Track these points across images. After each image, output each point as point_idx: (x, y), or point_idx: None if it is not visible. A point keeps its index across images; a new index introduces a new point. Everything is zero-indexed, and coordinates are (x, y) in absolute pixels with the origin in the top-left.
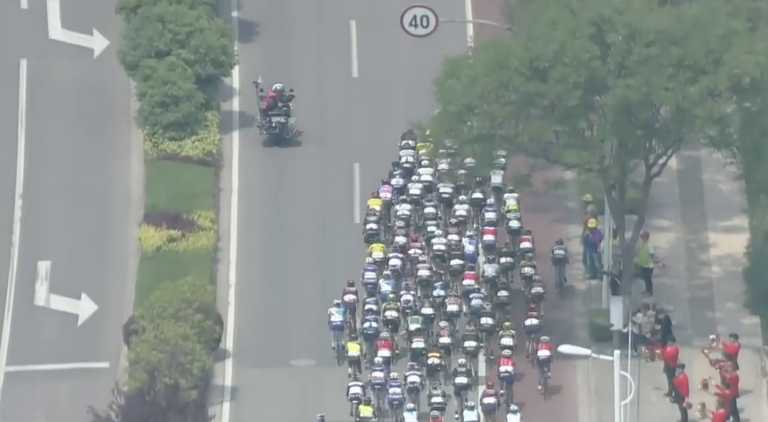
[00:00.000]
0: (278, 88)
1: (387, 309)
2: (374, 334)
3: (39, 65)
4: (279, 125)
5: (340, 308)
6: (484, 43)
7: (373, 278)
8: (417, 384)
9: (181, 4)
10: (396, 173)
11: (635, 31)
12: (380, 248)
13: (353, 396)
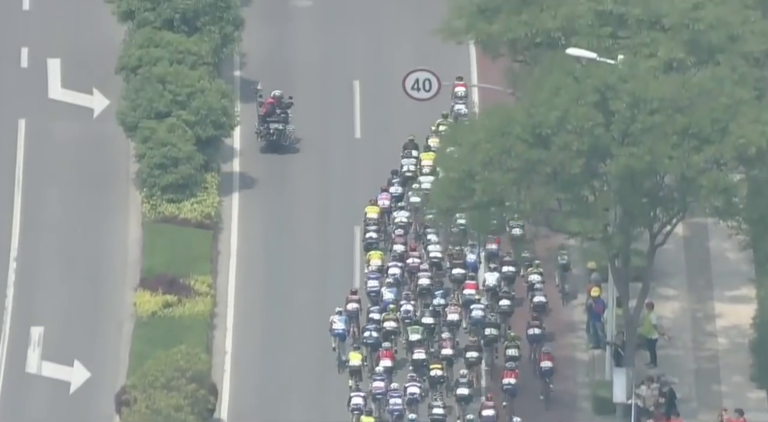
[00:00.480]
0: (277, 95)
1: (386, 320)
2: (375, 344)
3: (38, 125)
4: (277, 131)
5: (342, 316)
6: (487, 108)
7: (376, 286)
8: (417, 395)
9: (182, 65)
10: (395, 181)
11: (639, 98)
12: (378, 255)
13: (355, 406)
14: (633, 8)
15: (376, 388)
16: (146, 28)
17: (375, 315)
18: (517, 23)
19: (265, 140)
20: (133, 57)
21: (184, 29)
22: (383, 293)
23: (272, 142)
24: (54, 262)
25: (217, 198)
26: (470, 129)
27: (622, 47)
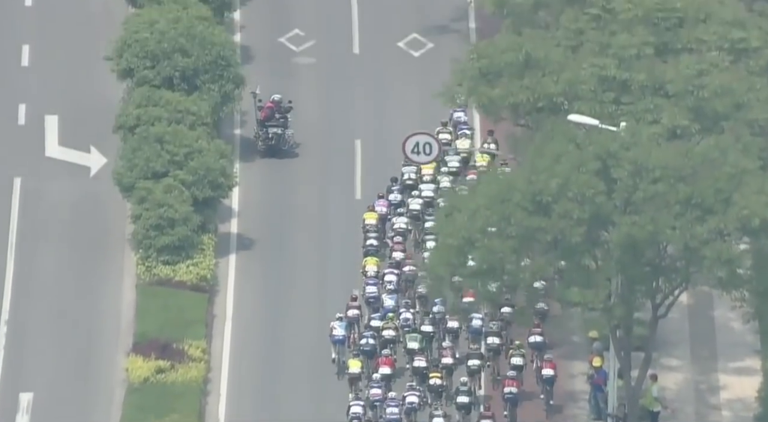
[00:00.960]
0: (276, 99)
1: (385, 328)
2: (371, 351)
3: (33, 184)
4: (276, 136)
5: (342, 323)
6: (487, 175)
7: (375, 292)
8: (415, 404)
9: (180, 125)
10: (394, 188)
11: (641, 166)
12: (374, 261)
13: (354, 415)
14: (637, 74)
15: (373, 395)
16: (145, 87)
17: (375, 322)
18: (519, 88)
19: (264, 145)
20: (130, 116)
21: (184, 87)
22: (384, 300)
23: (271, 146)
24: (45, 325)
25: (213, 260)
26: (470, 196)
27: (625, 113)
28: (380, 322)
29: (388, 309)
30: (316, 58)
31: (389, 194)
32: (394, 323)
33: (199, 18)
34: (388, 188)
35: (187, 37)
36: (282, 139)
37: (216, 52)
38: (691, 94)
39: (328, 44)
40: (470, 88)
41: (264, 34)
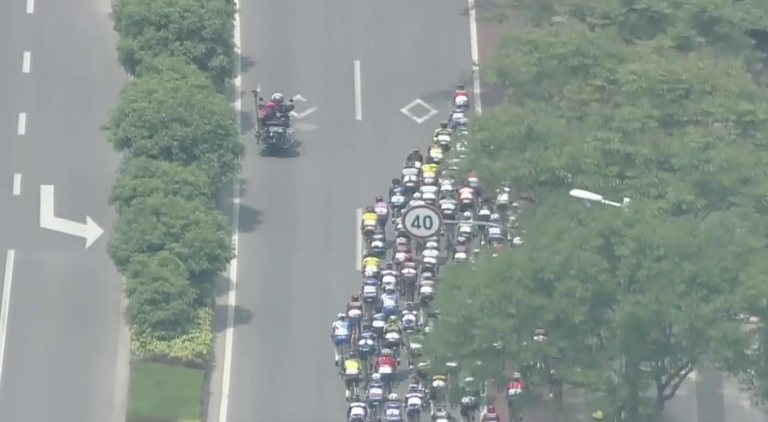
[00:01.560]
0: (277, 98)
1: (388, 331)
2: (369, 352)
3: (27, 256)
4: (276, 134)
5: (345, 322)
6: (487, 252)
7: (373, 293)
8: (418, 406)
9: (177, 196)
10: (396, 190)
11: (645, 244)
12: (374, 262)
13: (355, 417)
14: (641, 148)
15: (373, 395)
16: (142, 157)
17: (378, 322)
18: (521, 161)
19: (265, 143)
20: (126, 187)
21: (182, 157)
22: (383, 300)
23: (272, 145)
24: (36, 401)
25: (209, 335)
26: (469, 273)
27: (629, 187)
28: (382, 322)
29: (388, 310)
30: (318, 125)
31: (391, 196)
32: (397, 325)
33: (198, 87)
34: (390, 190)
35: (186, 106)
36: (283, 138)
37: (215, 121)
38: (697, 168)
39: (330, 110)
40: (471, 161)
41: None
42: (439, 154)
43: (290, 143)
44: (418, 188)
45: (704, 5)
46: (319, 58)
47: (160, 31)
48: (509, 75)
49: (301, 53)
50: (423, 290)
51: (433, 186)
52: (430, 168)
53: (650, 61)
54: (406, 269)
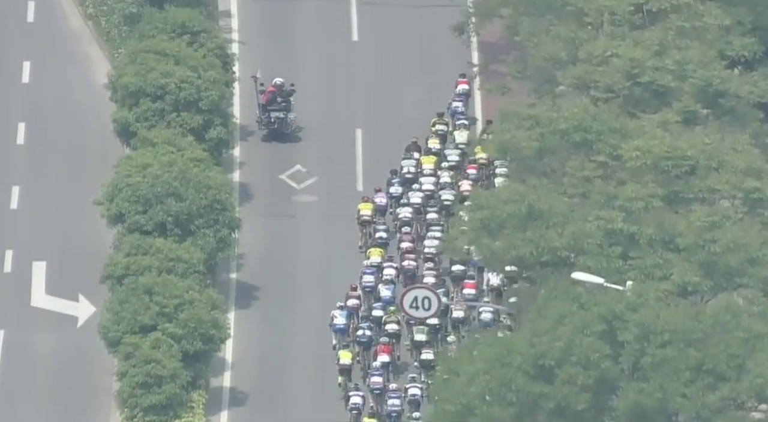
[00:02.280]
0: (278, 83)
1: (388, 322)
2: (368, 342)
3: (17, 336)
4: (278, 120)
5: (343, 311)
6: (487, 337)
7: (371, 282)
8: (418, 396)
9: (171, 274)
10: (394, 181)
11: (649, 330)
12: (378, 252)
13: (354, 406)
14: (645, 227)
15: (374, 383)
16: (135, 234)
17: (377, 312)
18: (522, 241)
19: (266, 129)
20: (119, 265)
21: (177, 233)
22: (380, 290)
23: (273, 130)
24: None
25: (203, 419)
26: (468, 358)
27: (633, 268)
28: (382, 312)
29: (386, 300)
30: (318, 196)
31: (389, 187)
32: (396, 316)
33: (195, 160)
34: (388, 181)
35: (182, 180)
36: (284, 123)
37: (212, 195)
38: (703, 248)
39: (330, 181)
40: (470, 239)
41: (264, 170)
42: (436, 144)
43: (292, 129)
44: (416, 179)
45: (710, 78)
46: (320, 127)
47: (157, 103)
48: (511, 150)
49: (301, 122)
50: (426, 281)
51: (432, 177)
52: (428, 159)
53: (654, 136)
54: (407, 261)
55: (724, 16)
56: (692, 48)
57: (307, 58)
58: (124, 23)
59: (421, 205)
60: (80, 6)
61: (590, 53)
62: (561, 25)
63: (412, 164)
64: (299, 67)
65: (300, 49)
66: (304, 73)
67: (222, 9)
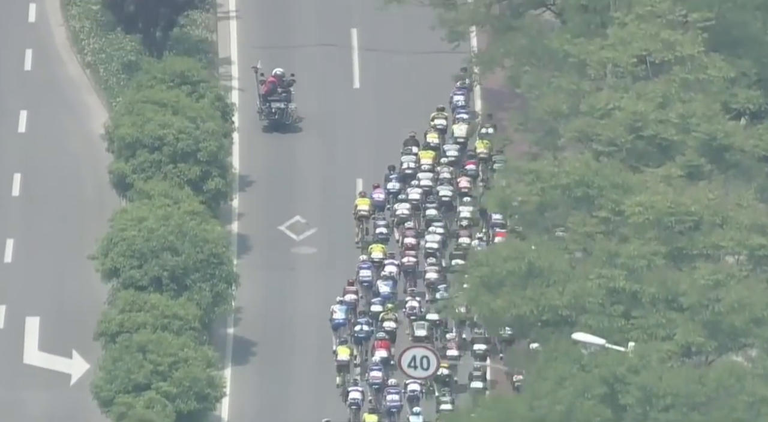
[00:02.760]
0: (278, 73)
1: (386, 320)
2: (365, 338)
3: (9, 395)
4: (279, 110)
5: (342, 307)
6: (486, 400)
7: (369, 276)
8: (417, 392)
9: (166, 331)
10: (392, 177)
11: (651, 393)
12: (380, 248)
13: (352, 401)
14: (648, 286)
15: (373, 378)
16: (129, 290)
17: (376, 307)
18: (522, 299)
19: (267, 120)
20: (113, 322)
21: (173, 287)
22: (379, 286)
23: (274, 121)
24: None
25: None
26: (468, 419)
27: (635, 328)
28: (380, 307)
29: (385, 296)
30: (317, 248)
31: (387, 182)
32: (394, 314)
33: (191, 213)
34: (386, 177)
35: (178, 234)
36: (285, 113)
37: (208, 249)
38: (707, 308)
39: (330, 233)
40: (471, 298)
41: (263, 221)
42: (435, 138)
43: (293, 119)
44: (415, 175)
45: (714, 132)
46: (320, 175)
47: (154, 154)
48: (511, 206)
49: (302, 173)
50: (428, 277)
51: (430, 172)
52: (426, 154)
53: (657, 191)
54: (407, 258)
55: (729, 68)
56: (696, 101)
57: (308, 105)
58: (122, 71)
59: (419, 201)
60: (78, 54)
61: (592, 106)
62: (563, 76)
63: (411, 160)
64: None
65: (301, 95)
66: (306, 123)
67: (222, 56)
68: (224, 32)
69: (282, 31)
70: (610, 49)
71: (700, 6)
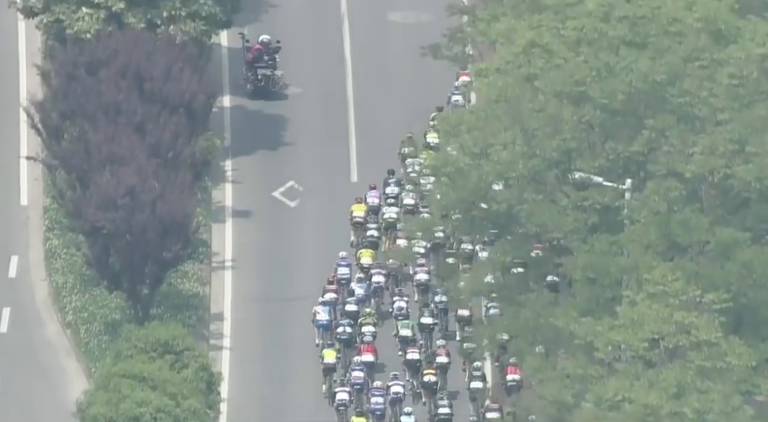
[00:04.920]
0: (264, 41)
1: (364, 324)
2: (348, 339)
3: None
4: (265, 77)
5: (325, 307)
6: None
7: (347, 274)
8: (400, 394)
9: None
10: (390, 182)
11: None
12: (369, 254)
13: (340, 402)
14: None
15: (355, 378)
16: None
17: (351, 307)
18: None
19: (253, 86)
20: None
21: None
22: (354, 289)
23: (260, 88)
24: None
25: None
26: None
27: None
28: (355, 307)
29: (360, 298)
30: None
31: (386, 187)
32: (373, 318)
33: None
34: (385, 181)
35: None
36: (271, 80)
37: None
38: None
39: None
40: None
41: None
42: (435, 138)
43: (279, 86)
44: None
45: None
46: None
47: None
48: None
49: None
50: (417, 278)
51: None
52: (428, 155)
53: None
54: (390, 260)
55: (750, 355)
56: (714, 391)
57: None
58: (104, 332)
59: (414, 205)
60: (59, 312)
61: (599, 397)
62: (568, 359)
63: (417, 163)
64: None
65: None
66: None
67: (214, 311)
68: (218, 284)
69: (282, 282)
70: (619, 331)
71: (717, 285)
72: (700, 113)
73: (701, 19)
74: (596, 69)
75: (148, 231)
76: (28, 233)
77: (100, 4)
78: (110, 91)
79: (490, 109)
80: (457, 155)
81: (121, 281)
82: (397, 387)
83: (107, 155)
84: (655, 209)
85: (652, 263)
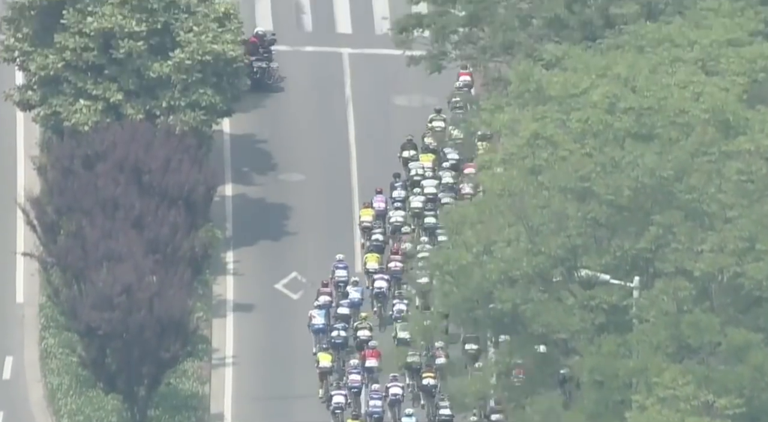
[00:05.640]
0: (259, 33)
1: (360, 328)
2: (343, 344)
3: None
4: (260, 70)
5: (321, 311)
6: None
7: (344, 276)
8: (399, 396)
9: None
10: (397, 185)
11: None
12: (375, 258)
13: (336, 405)
14: None
15: (352, 381)
16: None
17: (343, 310)
18: None
19: (249, 79)
20: None
21: None
22: (349, 292)
23: (256, 80)
24: None
25: None
26: None
27: None
28: (348, 310)
29: (355, 302)
30: None
31: (392, 191)
32: (368, 322)
33: None
34: (391, 185)
35: None
36: (267, 72)
37: None
38: None
39: None
40: None
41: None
42: (433, 141)
43: (274, 78)
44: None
45: None
46: None
47: None
48: None
49: None
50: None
51: (434, 180)
52: (426, 157)
53: None
54: (393, 263)
55: None
56: None
57: None
58: None
59: (421, 209)
60: (54, 415)
61: None
62: None
63: (419, 167)
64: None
65: None
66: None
67: (214, 412)
68: (218, 382)
69: (284, 379)
70: None
71: (729, 389)
72: (708, 210)
73: (708, 110)
74: (601, 164)
75: (146, 331)
76: (24, 331)
77: (97, 96)
78: (107, 186)
79: (493, 204)
80: (459, 252)
81: (118, 382)
82: (396, 389)
83: (104, 252)
84: (665, 309)
85: (662, 366)
